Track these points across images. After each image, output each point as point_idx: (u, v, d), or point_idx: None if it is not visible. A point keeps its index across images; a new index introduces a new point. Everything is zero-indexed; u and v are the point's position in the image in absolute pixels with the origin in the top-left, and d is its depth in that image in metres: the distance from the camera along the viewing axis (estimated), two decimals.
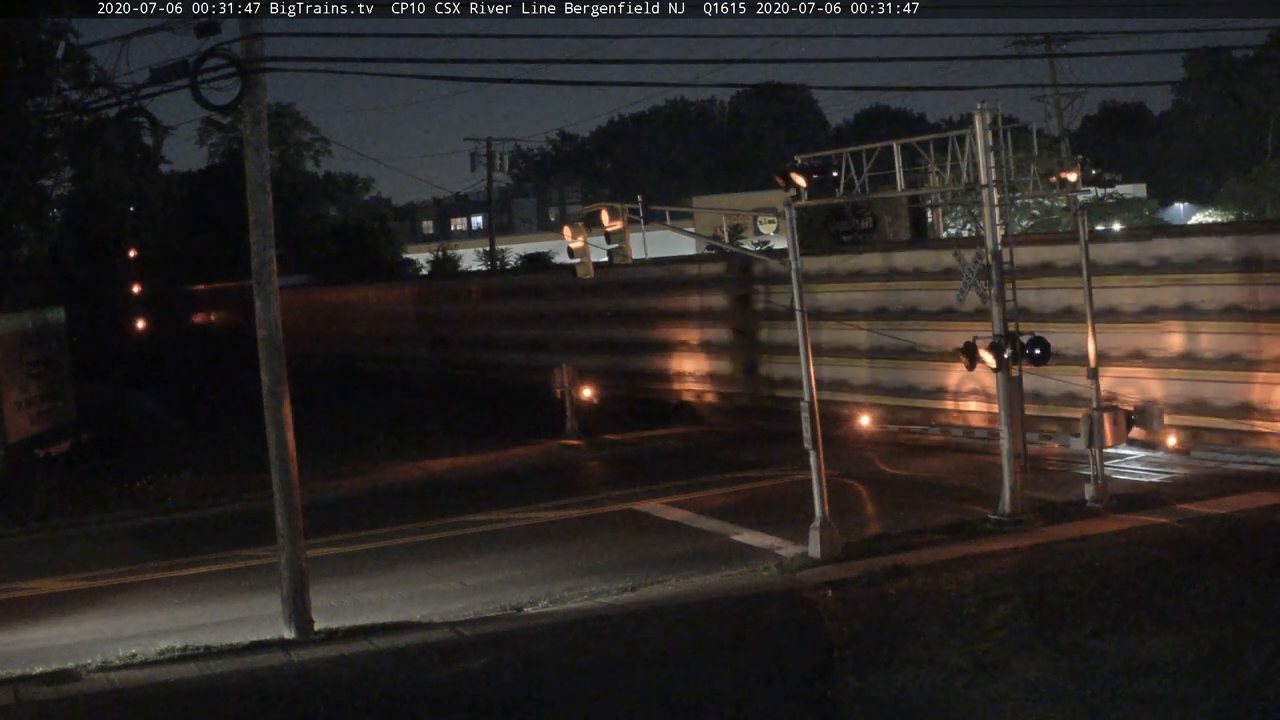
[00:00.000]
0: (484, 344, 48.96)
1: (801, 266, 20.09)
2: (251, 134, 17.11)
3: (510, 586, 19.15)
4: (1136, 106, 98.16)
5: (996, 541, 19.37)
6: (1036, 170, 23.39)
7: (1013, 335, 20.59)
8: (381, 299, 59.36)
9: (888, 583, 17.51)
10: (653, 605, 17.44)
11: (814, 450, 19.39)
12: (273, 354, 17.24)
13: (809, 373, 19.68)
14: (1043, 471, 24.24)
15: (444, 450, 32.81)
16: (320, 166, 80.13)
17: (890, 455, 27.93)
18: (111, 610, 19.27)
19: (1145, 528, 19.54)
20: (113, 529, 25.73)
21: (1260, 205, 59.22)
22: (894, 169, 22.79)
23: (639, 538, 22.06)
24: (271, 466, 17.36)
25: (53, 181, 43.94)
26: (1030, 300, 25.49)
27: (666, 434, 33.68)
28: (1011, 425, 20.73)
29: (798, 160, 21.27)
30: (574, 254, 22.05)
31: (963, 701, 13.04)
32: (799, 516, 20.36)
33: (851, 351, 31.65)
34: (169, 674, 15.50)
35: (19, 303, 36.72)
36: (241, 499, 27.31)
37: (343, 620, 17.47)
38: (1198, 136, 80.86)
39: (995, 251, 20.68)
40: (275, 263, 17.28)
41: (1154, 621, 14.82)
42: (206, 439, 36.16)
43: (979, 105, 20.85)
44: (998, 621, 15.28)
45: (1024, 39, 55.40)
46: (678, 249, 46.40)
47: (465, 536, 22.99)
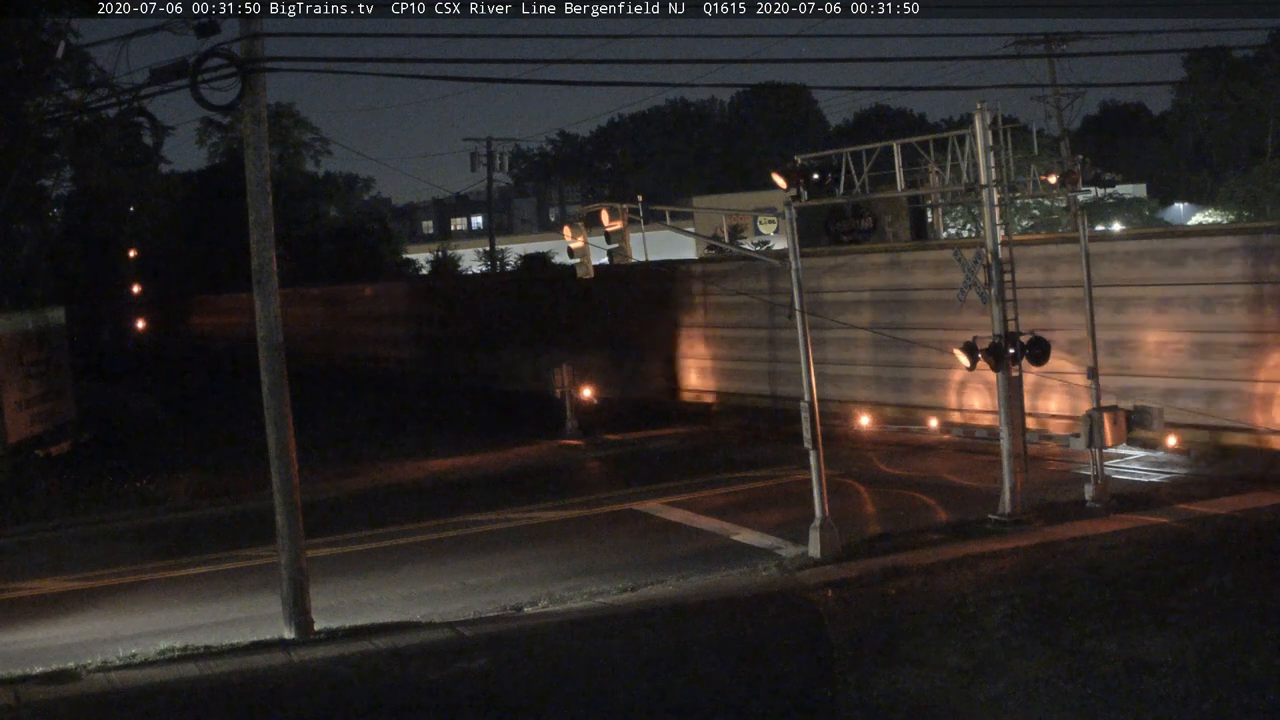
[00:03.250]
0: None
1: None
2: (251, 134, 17.11)
3: (510, 586, 19.16)
4: (1136, 106, 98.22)
5: (996, 541, 19.37)
6: (1036, 170, 23.38)
7: (1013, 335, 20.60)
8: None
9: (888, 583, 17.51)
10: (652, 605, 17.44)
11: (814, 450, 19.40)
12: (273, 354, 17.24)
13: (809, 372, 19.68)
14: (1043, 471, 24.24)
15: (444, 450, 32.82)
16: (320, 166, 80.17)
17: (890, 455, 27.93)
18: (111, 610, 19.26)
19: (1145, 528, 19.55)
20: (113, 529, 25.73)
21: (1260, 205, 59.24)
22: (894, 169, 22.79)
23: (639, 538, 22.06)
24: (271, 466, 17.37)
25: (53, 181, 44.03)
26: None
27: (666, 434, 33.68)
28: (1011, 425, 20.74)
29: (798, 160, 21.29)
30: (574, 254, 22.06)
31: (963, 702, 13.04)
32: (799, 516, 20.37)
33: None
34: (169, 674, 15.49)
35: (19, 303, 36.77)
36: (241, 499, 27.32)
37: (343, 620, 17.47)
38: (1198, 136, 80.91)
39: (995, 251, 20.69)
40: (275, 263, 17.29)
41: (1154, 621, 14.83)
42: (206, 439, 36.16)
43: (979, 105, 20.85)
44: (998, 621, 15.28)
45: (1024, 39, 55.48)
46: (678, 249, 46.43)
47: (465, 536, 22.99)
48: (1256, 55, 69.89)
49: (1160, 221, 64.97)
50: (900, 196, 29.82)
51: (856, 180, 22.72)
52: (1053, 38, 54.86)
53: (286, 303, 18.78)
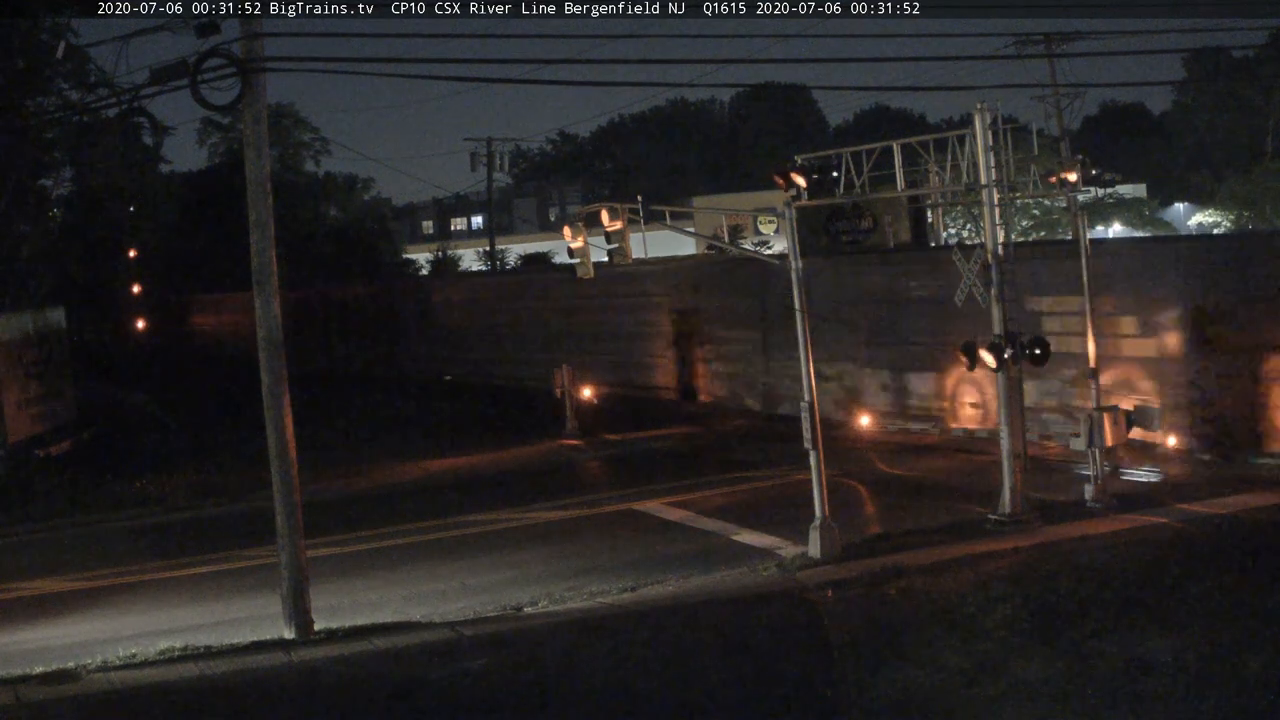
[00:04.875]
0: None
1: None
2: (251, 134, 17.11)
3: (510, 586, 19.15)
4: (1136, 106, 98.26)
5: (996, 542, 19.36)
6: (1036, 170, 23.38)
7: (1013, 335, 20.58)
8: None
9: (888, 583, 17.50)
10: (653, 605, 17.44)
11: (814, 450, 19.39)
12: (273, 354, 17.23)
13: (809, 373, 19.67)
14: (1043, 471, 24.22)
15: (444, 450, 32.81)
16: (320, 166, 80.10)
17: (890, 455, 27.93)
18: (111, 610, 19.25)
19: (1145, 528, 19.54)
20: (113, 529, 25.71)
21: (1260, 205, 59.25)
22: (894, 169, 22.80)
23: (639, 538, 22.05)
24: (271, 466, 17.36)
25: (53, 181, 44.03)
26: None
27: (667, 434, 33.67)
28: (1011, 425, 20.73)
29: (798, 160, 21.27)
30: (574, 254, 22.06)
31: (963, 701, 13.05)
32: (799, 516, 20.35)
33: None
34: (169, 674, 15.49)
35: (19, 303, 36.75)
36: (241, 499, 27.30)
37: (343, 620, 17.47)
38: (1198, 136, 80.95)
39: (995, 251, 20.68)
40: (275, 263, 17.28)
41: (1154, 621, 14.83)
42: (207, 439, 36.14)
43: (979, 105, 20.84)
44: (997, 622, 15.27)
45: (1024, 39, 55.47)
46: (678, 249, 46.39)
47: (465, 536, 22.98)
48: (1256, 55, 69.92)
49: (1160, 221, 64.96)
50: (900, 196, 29.83)
51: (856, 180, 22.72)
52: (1053, 38, 54.85)
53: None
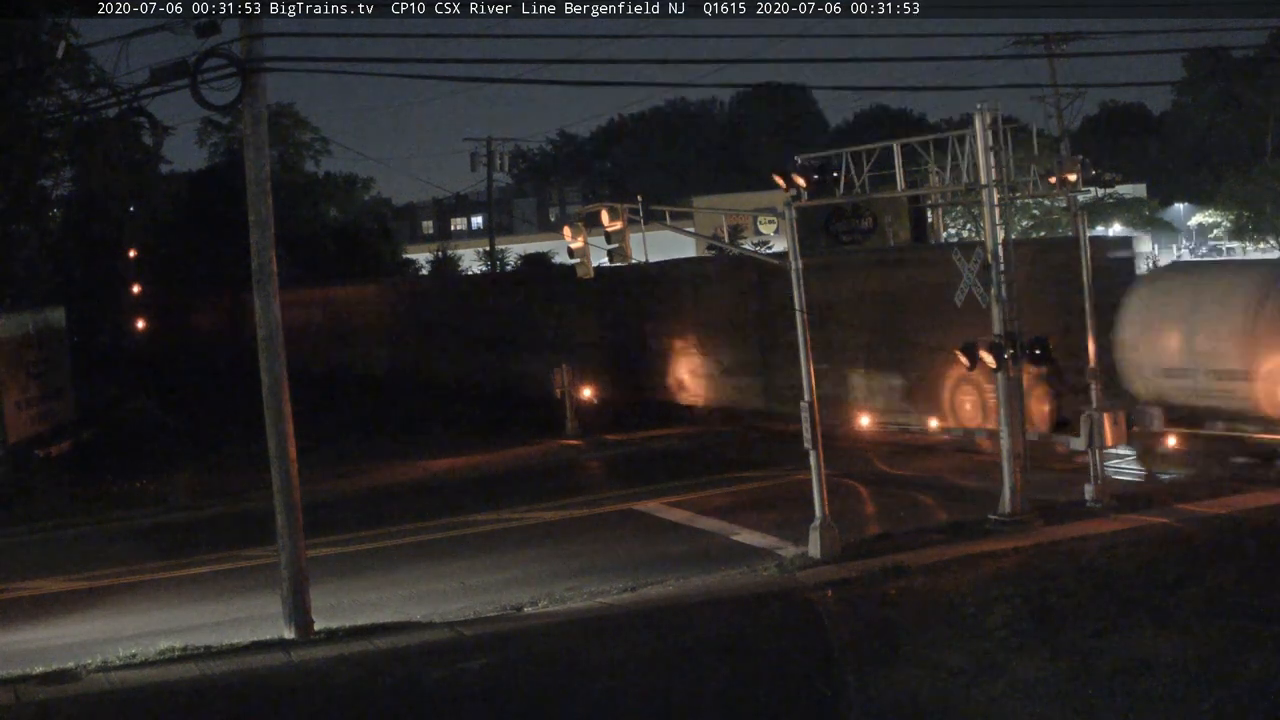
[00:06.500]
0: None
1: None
2: (251, 134, 17.11)
3: (510, 586, 19.15)
4: (1136, 106, 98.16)
5: (996, 541, 19.36)
6: (1036, 170, 23.36)
7: (1013, 335, 20.57)
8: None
9: (888, 583, 17.51)
10: (653, 605, 17.44)
11: (814, 450, 19.38)
12: (273, 354, 17.23)
13: (809, 373, 19.66)
14: (1043, 471, 24.20)
15: (444, 450, 32.81)
16: (320, 166, 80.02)
17: (890, 455, 27.93)
18: (111, 610, 19.26)
19: (1145, 528, 19.53)
20: (113, 529, 25.73)
21: (1260, 205, 59.24)
22: (894, 169, 22.75)
23: (639, 538, 22.06)
24: (271, 466, 17.36)
25: (53, 181, 44.01)
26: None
27: (667, 434, 33.67)
28: (1011, 425, 20.72)
29: (798, 160, 21.23)
30: (574, 254, 22.05)
31: (963, 701, 13.04)
32: (799, 516, 20.35)
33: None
34: (169, 674, 15.49)
35: (19, 303, 36.78)
36: (241, 499, 27.30)
37: (343, 620, 17.46)
38: (1198, 136, 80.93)
39: (995, 251, 20.67)
40: (275, 263, 17.28)
41: (1154, 621, 14.82)
42: (206, 439, 36.15)
43: (979, 105, 20.84)
44: (998, 621, 15.27)
45: (1024, 39, 55.50)
46: (678, 250, 46.38)
47: (465, 536, 22.99)
48: (1256, 55, 69.85)
49: (1160, 222, 64.98)
50: (900, 196, 29.76)
51: (856, 180, 22.68)
52: (1053, 38, 54.90)
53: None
